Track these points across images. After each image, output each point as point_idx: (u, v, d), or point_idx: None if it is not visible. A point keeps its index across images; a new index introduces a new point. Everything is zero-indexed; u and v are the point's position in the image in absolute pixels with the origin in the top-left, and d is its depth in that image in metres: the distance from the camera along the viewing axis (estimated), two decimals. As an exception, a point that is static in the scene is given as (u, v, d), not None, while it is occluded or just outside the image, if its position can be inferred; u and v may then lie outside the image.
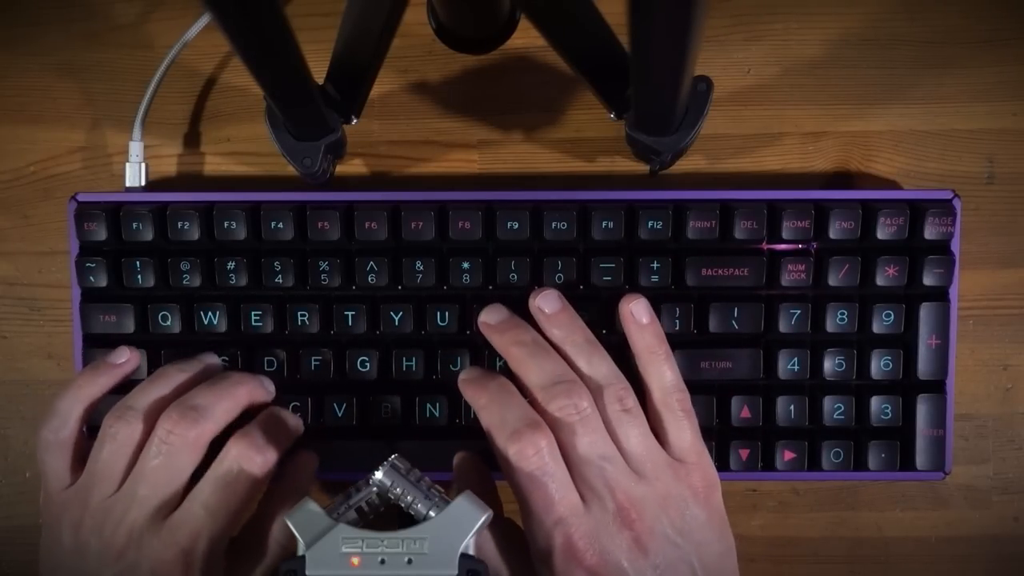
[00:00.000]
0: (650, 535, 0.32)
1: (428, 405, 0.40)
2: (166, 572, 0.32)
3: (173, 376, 0.36)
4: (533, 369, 0.34)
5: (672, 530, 0.33)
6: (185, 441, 0.33)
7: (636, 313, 0.36)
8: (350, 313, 0.39)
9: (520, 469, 0.32)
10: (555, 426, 0.33)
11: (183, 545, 0.32)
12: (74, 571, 0.33)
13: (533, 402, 0.34)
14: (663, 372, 0.35)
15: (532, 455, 0.32)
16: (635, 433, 0.33)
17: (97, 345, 0.40)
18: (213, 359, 0.39)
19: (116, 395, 0.36)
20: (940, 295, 0.40)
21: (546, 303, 0.36)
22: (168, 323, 0.39)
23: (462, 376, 0.36)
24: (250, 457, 0.34)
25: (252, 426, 0.35)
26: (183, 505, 0.33)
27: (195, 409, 0.34)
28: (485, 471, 0.37)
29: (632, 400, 0.34)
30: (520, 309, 0.38)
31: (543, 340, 0.36)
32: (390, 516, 0.32)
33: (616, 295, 0.39)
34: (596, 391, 0.34)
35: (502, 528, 0.34)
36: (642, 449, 0.33)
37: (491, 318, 0.37)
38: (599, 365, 0.35)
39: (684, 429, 0.34)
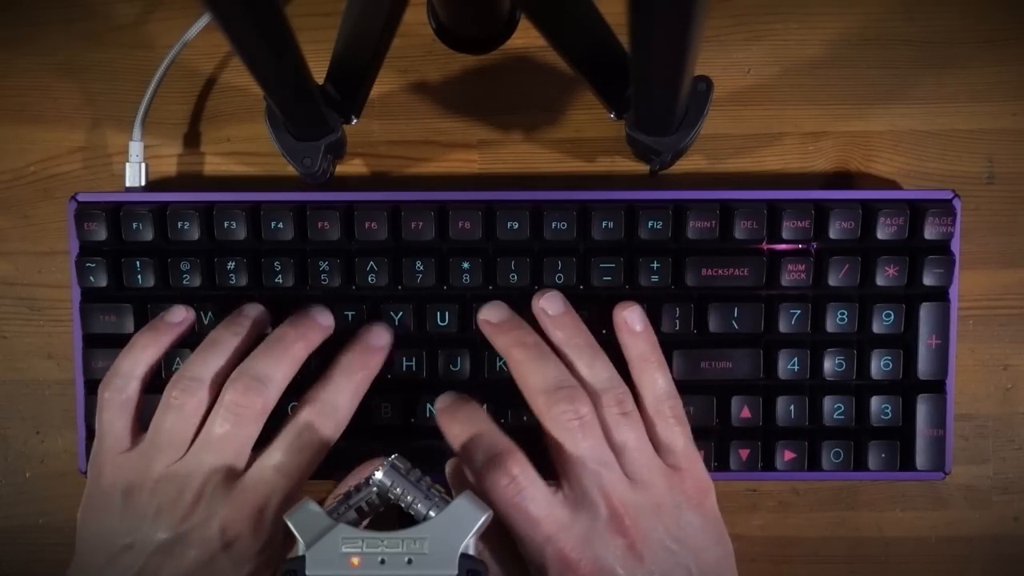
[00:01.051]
0: (645, 542, 0.32)
1: (428, 405, 0.40)
2: (237, 531, 0.33)
3: (227, 341, 0.36)
4: (535, 373, 0.34)
5: (667, 536, 0.33)
6: (252, 412, 0.34)
7: (630, 321, 0.36)
8: (350, 313, 0.39)
9: (497, 499, 0.32)
10: (553, 431, 0.33)
11: (257, 504, 0.33)
12: (126, 532, 0.33)
13: (531, 405, 0.34)
14: (656, 379, 0.35)
15: (506, 484, 0.32)
16: (632, 437, 0.34)
17: (97, 345, 0.40)
18: (258, 311, 0.38)
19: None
20: (940, 295, 0.40)
21: (550, 305, 0.37)
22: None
23: (438, 405, 0.37)
24: (322, 423, 0.35)
25: (321, 389, 0.36)
26: (255, 466, 0.34)
27: (258, 379, 0.34)
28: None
29: (631, 405, 0.34)
30: (520, 308, 0.38)
31: (544, 343, 0.36)
32: (390, 516, 0.32)
33: (616, 295, 0.39)
34: (595, 395, 0.34)
35: (501, 532, 0.34)
36: (638, 454, 0.34)
37: (492, 316, 0.37)
38: (600, 369, 0.35)
39: (677, 436, 0.35)
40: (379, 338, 0.38)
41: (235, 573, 0.33)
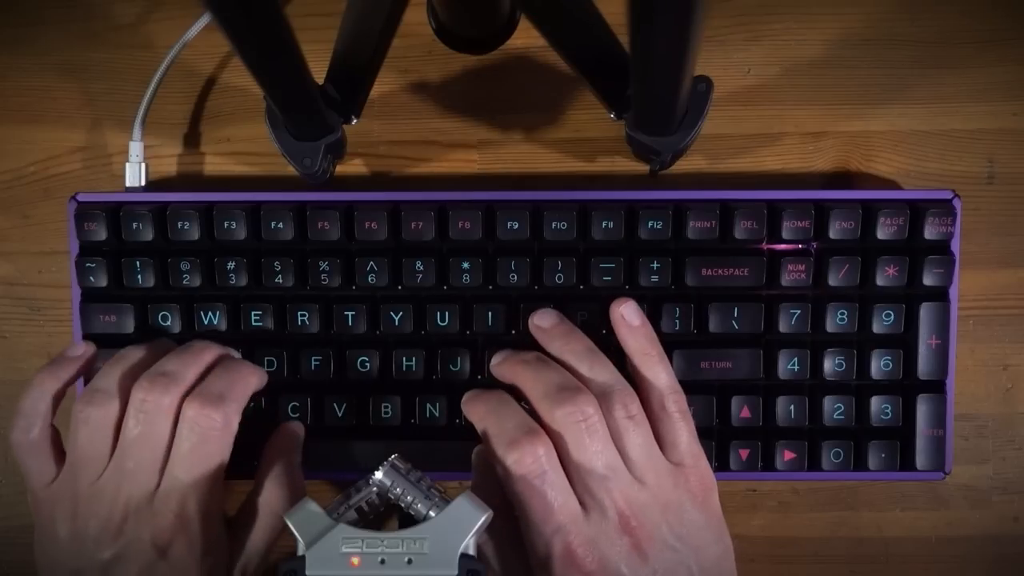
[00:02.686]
0: (649, 541, 0.32)
1: (428, 405, 0.40)
2: (166, 539, 0.33)
3: (132, 354, 0.36)
4: (538, 381, 0.34)
5: (671, 535, 0.33)
6: (160, 407, 0.33)
7: (627, 316, 0.36)
8: (350, 313, 0.39)
9: (518, 477, 0.32)
10: (561, 433, 0.33)
11: (175, 510, 0.33)
12: (73, 559, 0.33)
13: (537, 412, 0.34)
14: (657, 374, 0.35)
15: (530, 463, 0.32)
16: (639, 441, 0.33)
17: (97, 345, 0.40)
18: (169, 343, 0.38)
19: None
20: (940, 295, 0.40)
21: (544, 320, 0.37)
22: (168, 323, 0.39)
23: (464, 398, 0.37)
24: (207, 415, 0.34)
25: (204, 384, 0.35)
26: (165, 473, 0.34)
27: (165, 375, 0.34)
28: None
29: (636, 407, 0.34)
30: (520, 309, 0.38)
31: (544, 356, 0.36)
32: (390, 516, 0.32)
33: (616, 295, 0.39)
34: (600, 397, 0.34)
35: (504, 530, 0.34)
36: (645, 456, 0.33)
37: (497, 359, 0.37)
38: (601, 372, 0.35)
39: (681, 432, 0.34)
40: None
41: None
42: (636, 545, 0.32)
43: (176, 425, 0.34)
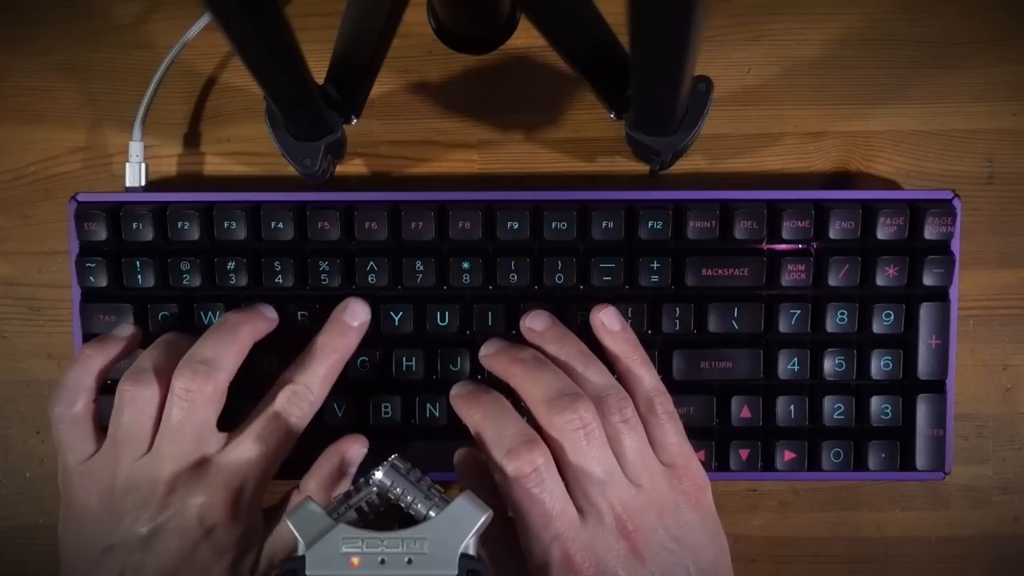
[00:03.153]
0: (646, 544, 0.32)
1: (428, 405, 0.40)
2: (216, 518, 0.33)
3: (176, 340, 0.37)
4: (536, 384, 0.34)
5: (668, 537, 0.33)
6: (204, 396, 0.34)
7: (607, 322, 0.36)
8: (350, 313, 0.39)
9: (517, 486, 0.32)
10: (560, 440, 0.33)
11: (232, 488, 0.33)
12: (106, 535, 0.33)
13: (534, 416, 0.34)
14: (641, 377, 0.35)
15: (530, 472, 0.32)
16: (634, 445, 0.33)
17: (97, 345, 0.40)
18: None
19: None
20: (940, 295, 0.40)
21: (536, 322, 0.37)
22: (168, 323, 0.39)
23: (454, 391, 0.37)
24: (293, 406, 0.35)
25: (294, 371, 0.36)
26: (227, 450, 0.34)
27: (205, 363, 0.34)
28: (486, 468, 0.37)
29: (631, 411, 0.34)
30: (520, 309, 0.38)
31: (541, 355, 0.36)
32: (390, 516, 0.32)
33: (616, 295, 0.39)
34: (596, 402, 0.34)
35: (498, 530, 0.34)
36: (639, 460, 0.33)
37: (487, 348, 0.37)
38: (596, 375, 0.35)
39: (669, 433, 0.35)
40: (354, 316, 0.38)
41: (218, 561, 0.33)
42: (633, 549, 0.32)
43: (218, 409, 0.35)
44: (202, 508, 0.33)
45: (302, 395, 0.36)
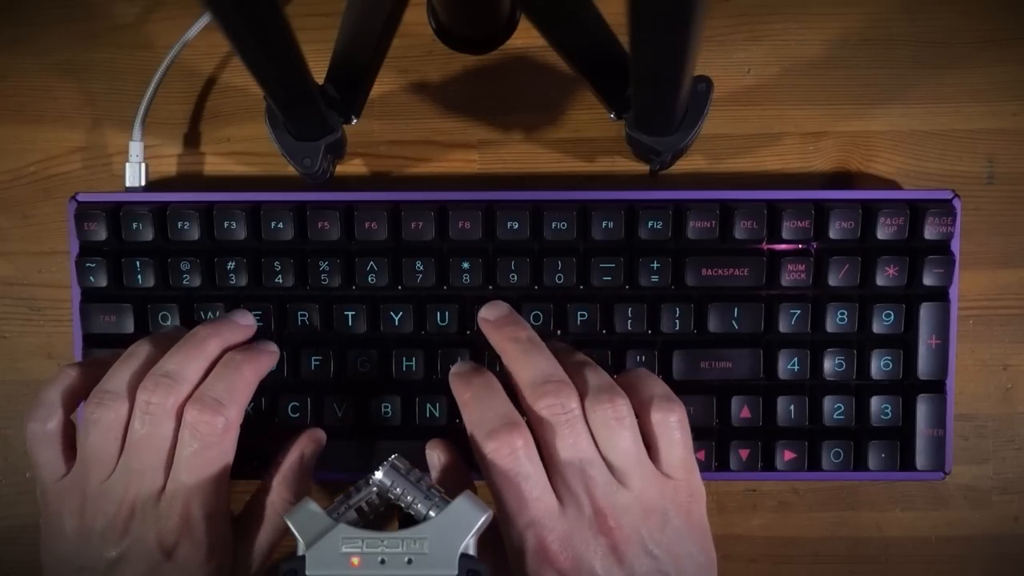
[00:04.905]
0: (627, 544, 0.32)
1: (428, 405, 0.40)
2: (172, 540, 0.33)
3: (140, 351, 0.36)
4: (525, 366, 0.34)
5: (651, 541, 0.32)
6: (164, 409, 0.33)
7: (487, 314, 0.36)
8: (350, 313, 0.39)
9: (495, 468, 0.32)
10: (540, 424, 0.33)
11: (180, 512, 0.33)
12: (78, 556, 0.33)
13: (521, 399, 0.34)
14: (652, 384, 0.35)
15: (507, 454, 0.32)
16: (624, 445, 0.33)
17: (97, 345, 0.40)
18: (179, 331, 0.37)
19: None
20: (940, 295, 0.40)
21: (491, 311, 0.36)
22: (168, 323, 0.39)
23: (453, 369, 0.36)
24: (207, 421, 0.33)
25: (204, 387, 0.34)
26: (170, 476, 0.34)
27: (167, 376, 0.34)
28: (464, 470, 0.36)
29: (625, 409, 0.33)
30: (520, 309, 0.38)
31: (537, 337, 0.35)
32: (390, 516, 0.32)
33: (616, 295, 0.39)
34: (590, 394, 0.33)
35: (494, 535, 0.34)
36: (631, 460, 0.33)
37: (490, 314, 0.37)
38: (592, 371, 0.34)
39: (676, 445, 0.34)
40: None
41: None
42: (613, 547, 0.32)
43: (180, 426, 0.34)
44: (159, 533, 0.33)
45: (213, 407, 0.34)
